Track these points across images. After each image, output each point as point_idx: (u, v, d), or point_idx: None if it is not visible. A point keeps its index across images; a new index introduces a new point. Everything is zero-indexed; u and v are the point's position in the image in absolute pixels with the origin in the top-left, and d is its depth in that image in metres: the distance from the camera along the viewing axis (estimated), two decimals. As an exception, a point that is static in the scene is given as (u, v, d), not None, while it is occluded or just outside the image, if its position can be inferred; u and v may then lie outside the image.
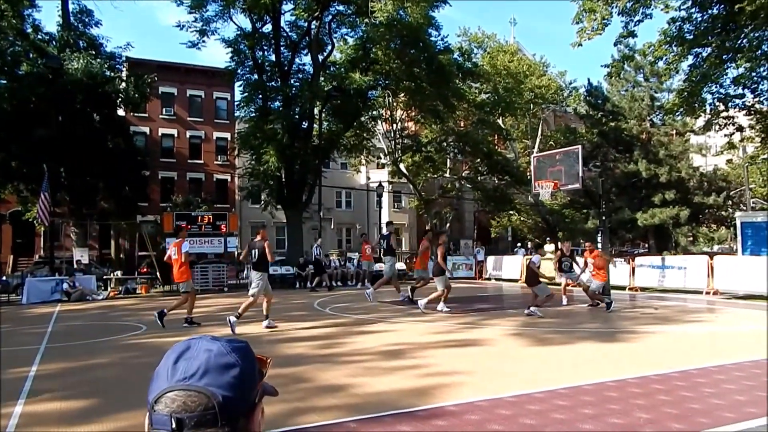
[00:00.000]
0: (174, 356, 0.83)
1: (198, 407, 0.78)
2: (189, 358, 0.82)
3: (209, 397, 0.78)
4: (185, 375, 0.80)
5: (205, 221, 21.06)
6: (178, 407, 0.78)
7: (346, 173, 38.31)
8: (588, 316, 11.55)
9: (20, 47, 22.57)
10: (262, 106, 24.61)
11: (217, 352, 0.83)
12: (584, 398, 5.05)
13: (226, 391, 0.80)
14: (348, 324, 10.45)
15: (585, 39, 15.77)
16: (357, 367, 6.52)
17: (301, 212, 25.22)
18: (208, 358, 0.82)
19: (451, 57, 25.80)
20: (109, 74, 23.73)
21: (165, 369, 0.82)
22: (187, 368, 0.81)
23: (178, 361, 0.82)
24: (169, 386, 0.80)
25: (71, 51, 22.85)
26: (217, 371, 0.81)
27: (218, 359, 0.82)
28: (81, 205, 24.35)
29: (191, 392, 0.79)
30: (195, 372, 0.80)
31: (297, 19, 25.27)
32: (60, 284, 17.61)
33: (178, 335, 9.36)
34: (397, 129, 31.88)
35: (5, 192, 25.69)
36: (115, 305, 15.73)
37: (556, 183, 16.13)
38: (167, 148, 34.86)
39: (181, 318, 10.77)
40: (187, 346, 0.85)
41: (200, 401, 0.78)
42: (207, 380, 0.80)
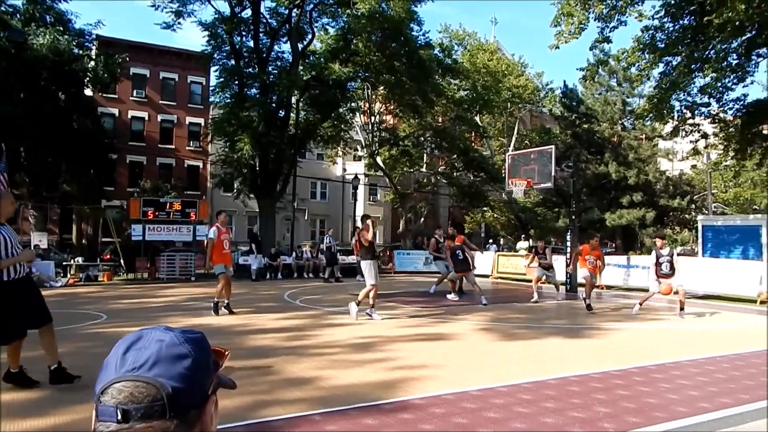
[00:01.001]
0: (124, 346, 0.81)
1: (146, 398, 0.75)
2: (140, 348, 0.80)
3: (158, 388, 0.76)
4: (134, 365, 0.78)
5: (174, 208, 20.66)
6: (124, 398, 0.75)
7: (322, 164, 38.08)
8: (556, 312, 11.73)
9: (-20, 19, 21.67)
10: (238, 92, 24.21)
11: (170, 342, 0.81)
12: (547, 392, 5.12)
13: (176, 382, 0.78)
14: (318, 316, 10.37)
15: (562, 42, 15.99)
16: (325, 360, 6.45)
17: (274, 202, 24.93)
18: (159, 349, 0.80)
19: (431, 52, 25.82)
20: (78, 52, 22.98)
21: (114, 359, 0.80)
22: (136, 358, 0.79)
23: (128, 351, 0.80)
24: (116, 377, 0.77)
25: (37, 25, 22.04)
26: (168, 362, 0.79)
27: (170, 350, 0.80)
28: (41, 187, 23.57)
29: (139, 383, 0.76)
30: (144, 362, 0.78)
31: (278, 6, 24.84)
32: (16, 269, 16.95)
33: (140, 324, 9.15)
34: (375, 122, 31.77)
35: None
36: (75, 293, 15.27)
37: (529, 181, 16.30)
38: (137, 132, 33.96)
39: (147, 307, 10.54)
40: (139, 336, 0.83)
41: (148, 392, 0.76)
42: (156, 371, 0.78)
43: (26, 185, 23.48)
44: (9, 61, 20.09)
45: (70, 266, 19.29)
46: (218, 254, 10.12)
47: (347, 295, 13.89)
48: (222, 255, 10.18)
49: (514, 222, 37.29)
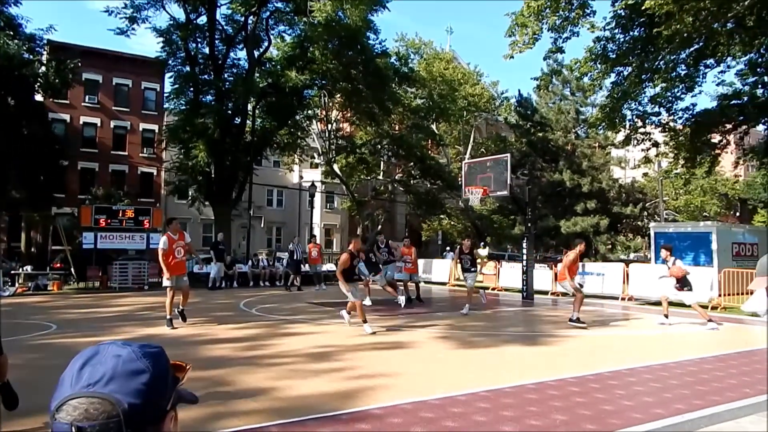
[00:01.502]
0: (81, 362, 0.80)
1: (101, 415, 0.75)
2: (96, 363, 0.80)
3: (113, 404, 0.76)
4: (90, 381, 0.77)
5: (127, 215, 20.14)
6: (79, 415, 0.75)
7: (279, 171, 37.77)
8: (514, 320, 11.92)
9: (-75, 22, 20.78)
10: (194, 99, 23.86)
11: (126, 357, 0.81)
12: (505, 401, 5.18)
13: (132, 398, 0.77)
14: (274, 325, 10.26)
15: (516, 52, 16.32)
16: (281, 370, 6.40)
17: (230, 209, 24.59)
18: (115, 365, 0.79)
19: (388, 61, 26.01)
20: (28, 56, 22.24)
21: (70, 375, 0.79)
22: (92, 374, 0.78)
23: (84, 366, 0.79)
24: (72, 393, 0.77)
25: None
26: (125, 377, 0.78)
27: (127, 365, 0.80)
28: (-12, 194, 22.69)
29: (94, 399, 0.76)
30: (100, 378, 0.77)
31: (233, 13, 24.66)
32: (-38, 278, 16.36)
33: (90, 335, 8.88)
34: (332, 129, 31.73)
35: None
36: (23, 302, 14.69)
37: (485, 189, 16.55)
38: (89, 138, 33.00)
39: (99, 317, 10.20)
40: (96, 351, 0.82)
41: (104, 408, 0.75)
42: (112, 387, 0.77)
43: (-25, 192, 22.56)
44: None
45: (19, 275, 18.63)
46: (168, 264, 9.62)
47: (304, 304, 13.84)
48: (174, 265, 9.69)
49: (471, 229, 37.77)
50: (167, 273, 9.59)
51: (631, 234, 36.69)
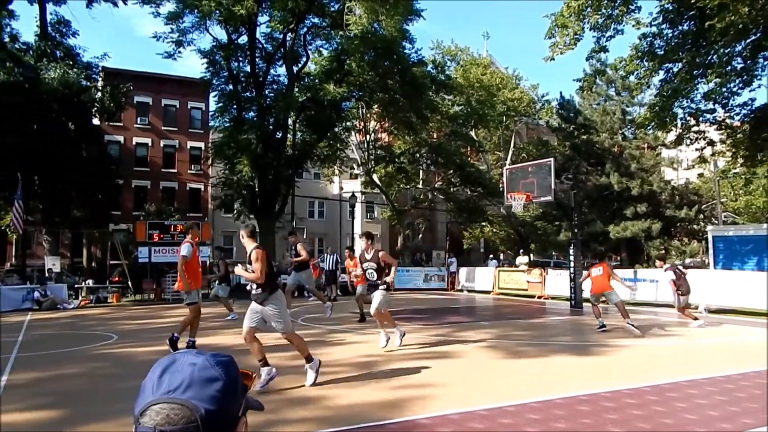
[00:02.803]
0: (159, 369, 0.86)
1: (181, 420, 0.80)
2: (174, 371, 0.85)
3: (192, 410, 0.81)
4: (170, 388, 0.83)
5: (178, 230, 20.83)
6: (162, 420, 0.80)
7: (319, 183, 38.26)
8: (562, 329, 11.67)
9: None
10: (237, 116, 24.54)
11: (201, 365, 0.86)
12: (556, 412, 5.05)
13: (209, 404, 0.82)
14: (320, 335, 10.43)
15: (557, 53, 16.04)
16: (329, 379, 6.51)
17: (273, 222, 25.09)
18: (192, 372, 0.84)
19: (424, 69, 26.10)
20: (85, 84, 23.52)
21: (151, 382, 0.85)
22: (171, 381, 0.83)
23: (164, 374, 0.85)
24: (154, 399, 0.82)
25: (48, 61, 22.68)
26: (201, 385, 0.83)
27: (202, 373, 0.85)
28: (54, 213, 23.99)
29: (175, 405, 0.81)
30: (179, 385, 0.83)
31: (272, 31, 25.32)
32: (31, 292, 17.36)
33: (148, 345, 9.24)
34: (370, 140, 31.98)
35: None
36: (86, 314, 15.44)
37: (528, 195, 16.32)
38: (141, 157, 34.48)
39: (155, 327, 10.55)
40: (173, 359, 0.88)
41: (183, 414, 0.80)
42: (190, 393, 0.82)
43: (40, 211, 24.06)
44: (23, 96, 20.60)
45: (81, 289, 19.65)
46: (193, 276, 8.45)
47: (348, 314, 13.97)
48: (197, 276, 8.58)
49: (514, 236, 37.29)
50: (188, 285, 8.43)
51: (686, 238, 35.25)
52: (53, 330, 12.10)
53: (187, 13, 23.14)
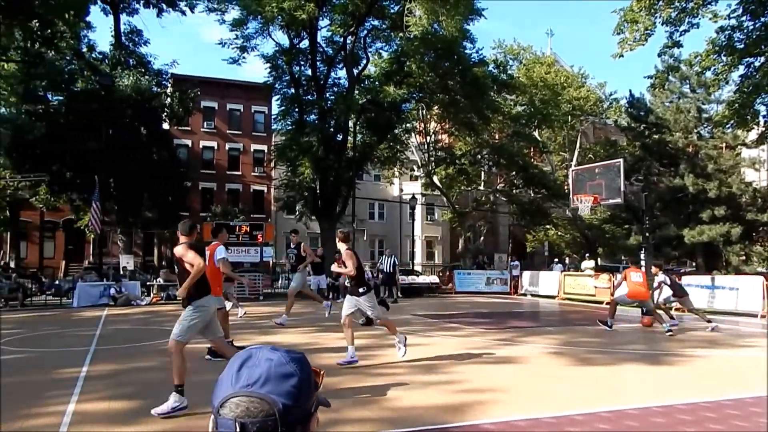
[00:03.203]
0: (237, 364, 0.88)
1: (260, 413, 0.82)
2: (251, 366, 0.87)
3: (270, 404, 0.82)
4: (248, 382, 0.84)
5: (243, 231, 21.39)
6: (241, 412, 0.82)
7: (380, 185, 38.45)
8: (633, 337, 11.17)
9: (76, 66, 23.67)
10: (298, 119, 25.00)
11: (277, 361, 0.87)
12: (628, 423, 4.83)
13: (285, 399, 0.83)
14: (380, 336, 10.37)
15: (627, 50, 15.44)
16: (390, 380, 6.45)
17: (335, 223, 25.35)
18: (269, 367, 0.86)
19: (485, 69, 25.73)
20: (156, 90, 24.62)
21: (229, 376, 0.87)
22: (249, 376, 0.85)
23: (241, 368, 0.87)
24: (233, 392, 0.84)
25: (122, 69, 23.89)
26: (278, 380, 0.85)
27: (278, 368, 0.86)
28: (127, 214, 25.21)
29: (254, 398, 0.83)
30: (257, 380, 0.84)
31: (333, 35, 25.68)
32: (107, 289, 18.26)
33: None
34: (430, 141, 31.85)
35: (60, 201, 26.87)
36: (157, 311, 16.09)
37: (596, 197, 15.76)
38: (207, 160, 35.84)
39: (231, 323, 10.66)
40: (249, 354, 0.90)
41: (262, 408, 0.82)
42: (268, 388, 0.84)
43: (115, 213, 25.34)
44: (99, 102, 21.75)
45: (153, 286, 20.44)
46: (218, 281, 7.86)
47: (409, 316, 13.89)
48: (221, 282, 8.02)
49: (580, 240, 36.13)
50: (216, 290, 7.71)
51: (770, 243, 32.93)
52: (128, 325, 12.63)
53: (250, 20, 23.81)
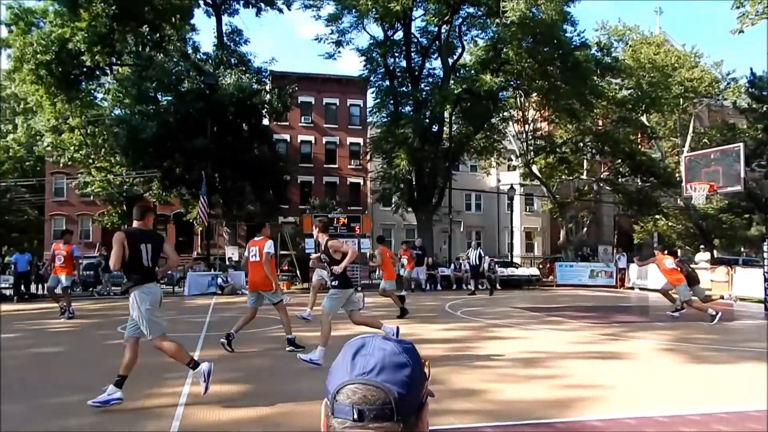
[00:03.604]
0: (352, 351, 0.89)
1: (377, 401, 0.82)
2: (366, 354, 0.87)
3: (387, 392, 0.83)
4: (364, 370, 0.85)
5: (341, 223, 21.94)
6: (358, 399, 0.83)
7: (476, 176, 37.94)
8: (754, 335, 10.30)
9: (183, 67, 25.25)
10: (394, 111, 25.22)
11: (391, 351, 0.87)
12: (750, 425, 4.48)
13: (400, 388, 0.84)
14: (480, 328, 10.29)
15: (747, 24, 14.21)
16: (491, 373, 6.38)
17: (431, 215, 25.43)
18: (383, 357, 0.86)
19: (588, 53, 24.67)
20: (256, 87, 25.71)
21: (344, 363, 0.88)
22: (365, 364, 0.85)
23: (356, 356, 0.87)
24: (349, 379, 0.85)
25: (224, 68, 25.15)
26: (392, 369, 0.85)
27: (392, 358, 0.87)
28: (232, 208, 26.64)
29: (370, 386, 0.83)
30: (373, 368, 0.85)
31: (427, 25, 25.60)
32: (215, 279, 19.45)
33: (317, 330, 9.81)
34: (529, 130, 31.00)
35: (171, 195, 28.90)
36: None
37: (712, 185, 14.59)
38: (305, 154, 37.14)
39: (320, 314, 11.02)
40: (363, 343, 0.90)
41: (379, 396, 0.83)
42: (384, 377, 0.84)
43: (220, 206, 26.84)
44: (204, 101, 23.14)
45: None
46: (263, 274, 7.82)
47: (508, 308, 13.64)
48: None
49: (694, 231, 33.72)
50: (275, 284, 8.01)
51: None
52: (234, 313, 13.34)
53: (345, 14, 24.33)
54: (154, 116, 23.98)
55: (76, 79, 28.01)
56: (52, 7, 26.51)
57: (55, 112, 28.80)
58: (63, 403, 5.24)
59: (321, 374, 5.91)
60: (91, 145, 30.78)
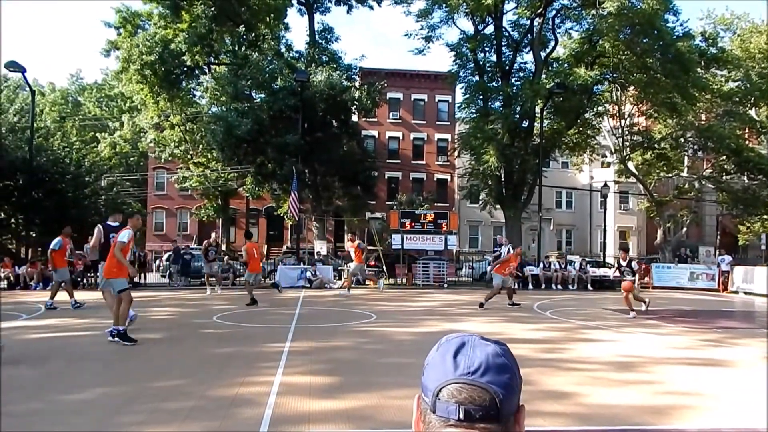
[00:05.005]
0: (452, 350, 0.87)
1: (483, 402, 0.81)
2: (467, 354, 0.86)
3: (492, 394, 0.81)
4: (468, 370, 0.83)
5: (428, 219, 22.05)
6: (464, 399, 0.81)
7: (568, 172, 36.79)
8: None
9: (276, 65, 26.24)
10: (483, 106, 24.97)
11: (493, 352, 0.87)
12: None
13: (503, 390, 0.83)
14: (570, 329, 10.08)
15: None
16: (583, 376, 6.27)
17: (520, 212, 24.99)
18: (486, 358, 0.85)
19: (691, 43, 23.29)
20: (346, 84, 26.25)
21: (443, 361, 0.86)
22: (469, 364, 0.84)
23: (457, 355, 0.86)
24: (453, 378, 0.83)
25: (316, 65, 25.88)
26: (496, 371, 0.84)
27: (495, 359, 0.85)
28: (321, 203, 27.43)
29: (476, 387, 0.82)
30: (477, 368, 0.83)
31: (519, 18, 25.10)
32: (304, 272, 20.13)
33: (405, 326, 10.05)
34: (625, 125, 29.72)
35: (263, 190, 30.17)
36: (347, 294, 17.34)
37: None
38: (393, 150, 37.54)
39: (408, 310, 11.20)
40: (463, 342, 0.89)
41: (485, 397, 0.81)
42: (488, 378, 0.83)
43: (310, 201, 27.69)
44: (296, 98, 23.96)
45: (344, 271, 22.07)
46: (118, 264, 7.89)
47: (599, 309, 13.25)
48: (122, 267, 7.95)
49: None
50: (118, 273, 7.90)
51: None
52: (322, 306, 13.87)
53: (435, 9, 24.29)
54: (248, 113, 24.86)
55: (177, 78, 29.75)
56: (156, 9, 28.29)
57: (157, 109, 30.73)
58: (163, 387, 5.63)
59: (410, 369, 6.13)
60: (189, 142, 32.70)
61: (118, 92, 39.69)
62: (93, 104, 48.39)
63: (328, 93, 24.56)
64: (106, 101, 47.63)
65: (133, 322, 8.59)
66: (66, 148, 28.25)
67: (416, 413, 0.88)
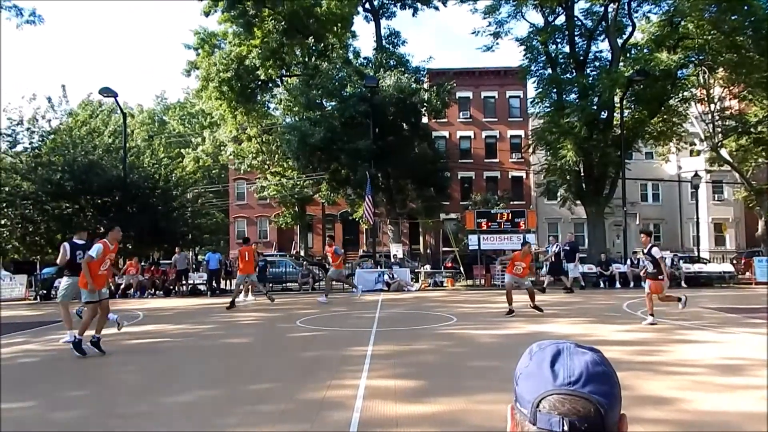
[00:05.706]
0: (548, 359, 0.84)
1: (588, 414, 0.78)
2: (564, 363, 0.83)
3: (596, 405, 0.78)
4: (569, 380, 0.80)
5: (504, 218, 21.58)
6: (567, 410, 0.78)
7: (653, 163, 34.95)
8: None
9: (345, 73, 26.68)
10: (557, 100, 24.18)
11: (591, 360, 0.83)
12: None
13: (607, 400, 0.80)
14: (665, 330, 9.50)
15: None
16: (683, 380, 5.86)
17: (602, 208, 23.98)
18: (586, 367, 0.82)
19: (787, 16, 21.42)
20: (415, 87, 26.27)
21: (540, 371, 0.83)
22: (569, 374, 0.81)
23: (554, 364, 0.83)
24: (554, 389, 0.80)
25: (384, 70, 26.06)
26: (597, 380, 0.81)
27: (595, 368, 0.82)
28: (395, 206, 27.56)
29: (579, 398, 0.79)
30: (579, 378, 0.80)
31: (592, 5, 24.18)
32: (381, 276, 20.22)
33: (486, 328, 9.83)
34: (715, 109, 27.91)
35: (338, 196, 30.76)
36: (426, 296, 17.27)
37: None
38: (464, 150, 37.15)
39: (488, 312, 10.99)
40: (558, 350, 0.85)
41: (589, 408, 0.78)
42: (590, 388, 0.80)
43: (384, 205, 27.94)
44: (366, 103, 24.24)
45: (420, 273, 22.01)
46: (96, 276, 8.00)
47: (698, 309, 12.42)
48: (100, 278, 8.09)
49: None
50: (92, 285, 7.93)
51: None
52: (401, 309, 13.84)
53: (503, 4, 23.80)
54: (321, 122, 25.43)
55: (253, 92, 31.21)
56: (231, 28, 29.69)
57: (235, 123, 32.37)
58: (255, 390, 5.81)
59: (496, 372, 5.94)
60: (266, 152, 34.09)
61: (199, 109, 41.86)
62: (177, 122, 51.15)
63: (397, 97, 24.66)
64: (189, 118, 50.24)
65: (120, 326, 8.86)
66: (155, 164, 29.97)
67: (511, 424, 0.85)
